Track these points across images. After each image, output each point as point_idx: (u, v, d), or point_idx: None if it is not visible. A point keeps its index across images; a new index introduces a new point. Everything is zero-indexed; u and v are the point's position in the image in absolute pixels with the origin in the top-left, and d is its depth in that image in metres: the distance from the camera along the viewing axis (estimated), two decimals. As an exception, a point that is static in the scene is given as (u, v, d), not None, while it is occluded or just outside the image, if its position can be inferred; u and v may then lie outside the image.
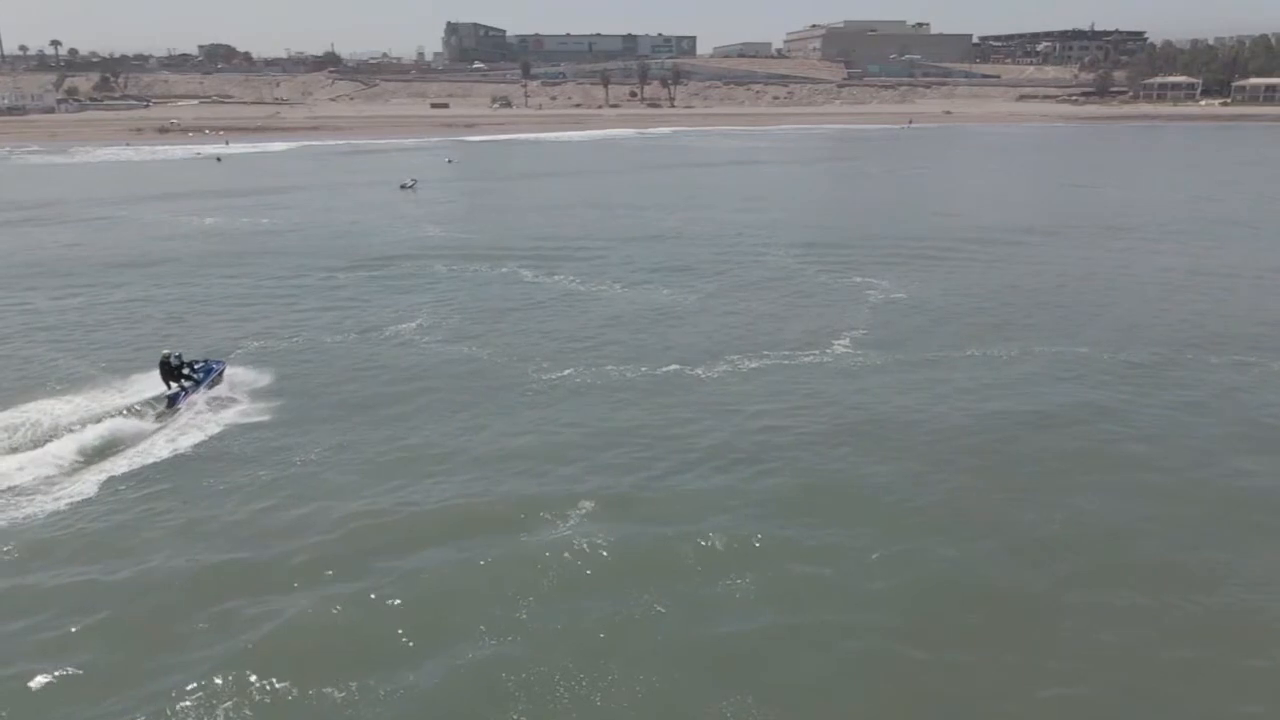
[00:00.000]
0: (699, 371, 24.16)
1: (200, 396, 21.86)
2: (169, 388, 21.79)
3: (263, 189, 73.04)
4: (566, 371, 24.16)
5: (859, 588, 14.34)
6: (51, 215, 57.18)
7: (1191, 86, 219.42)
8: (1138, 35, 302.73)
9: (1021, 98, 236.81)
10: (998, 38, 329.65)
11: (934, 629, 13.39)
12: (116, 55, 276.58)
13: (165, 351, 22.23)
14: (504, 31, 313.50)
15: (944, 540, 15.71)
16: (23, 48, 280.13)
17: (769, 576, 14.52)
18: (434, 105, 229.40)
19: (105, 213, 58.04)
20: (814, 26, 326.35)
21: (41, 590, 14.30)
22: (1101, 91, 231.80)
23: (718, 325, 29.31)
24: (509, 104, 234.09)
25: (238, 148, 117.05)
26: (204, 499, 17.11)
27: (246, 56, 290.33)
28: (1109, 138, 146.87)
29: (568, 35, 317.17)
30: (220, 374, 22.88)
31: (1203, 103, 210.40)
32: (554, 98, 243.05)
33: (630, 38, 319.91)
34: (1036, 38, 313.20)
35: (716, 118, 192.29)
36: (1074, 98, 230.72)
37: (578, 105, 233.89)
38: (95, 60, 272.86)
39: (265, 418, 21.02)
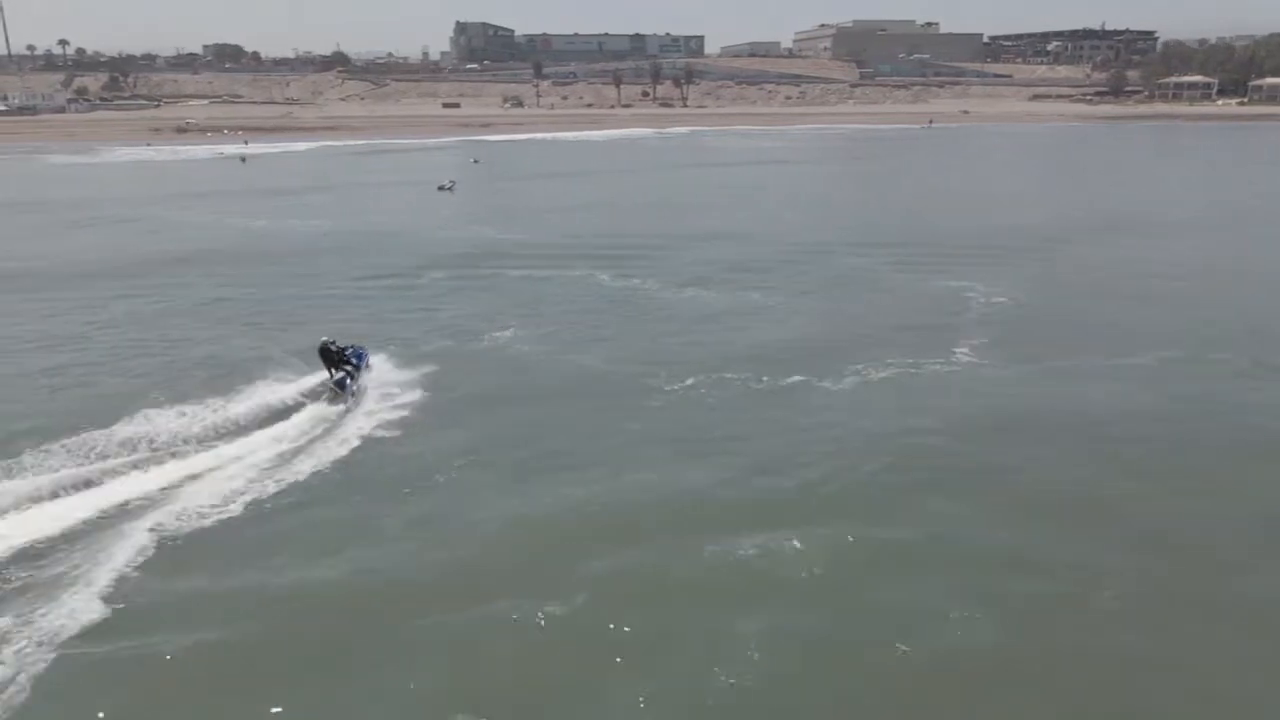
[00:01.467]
0: (827, 383, 23.11)
1: (363, 382, 22.04)
2: (331, 374, 21.82)
3: (296, 189, 72.13)
4: (688, 381, 23.12)
5: (1095, 608, 13.41)
6: (89, 217, 56.13)
7: (1208, 86, 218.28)
8: (1148, 35, 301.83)
9: (1035, 97, 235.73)
10: (1007, 37, 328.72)
11: (1193, 654, 12.43)
12: (122, 55, 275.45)
13: (324, 338, 22.40)
14: (512, 31, 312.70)
15: (1165, 558, 14.78)
16: (30, 47, 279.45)
17: (991, 592, 13.71)
18: (445, 105, 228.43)
19: (145, 213, 57.06)
20: (823, 26, 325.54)
21: (210, 600, 13.60)
22: (1116, 91, 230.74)
23: (821, 331, 28.32)
24: (520, 104, 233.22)
25: (258, 148, 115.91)
26: (376, 506, 16.52)
27: (255, 56, 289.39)
28: (1137, 137, 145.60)
29: (575, 35, 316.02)
30: (367, 361, 22.80)
31: (1219, 102, 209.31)
32: (565, 97, 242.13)
33: (638, 37, 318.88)
34: (1046, 37, 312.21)
35: (732, 117, 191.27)
36: (1088, 97, 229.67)
37: (589, 105, 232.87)
38: (103, 60, 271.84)
39: (410, 414, 20.79)
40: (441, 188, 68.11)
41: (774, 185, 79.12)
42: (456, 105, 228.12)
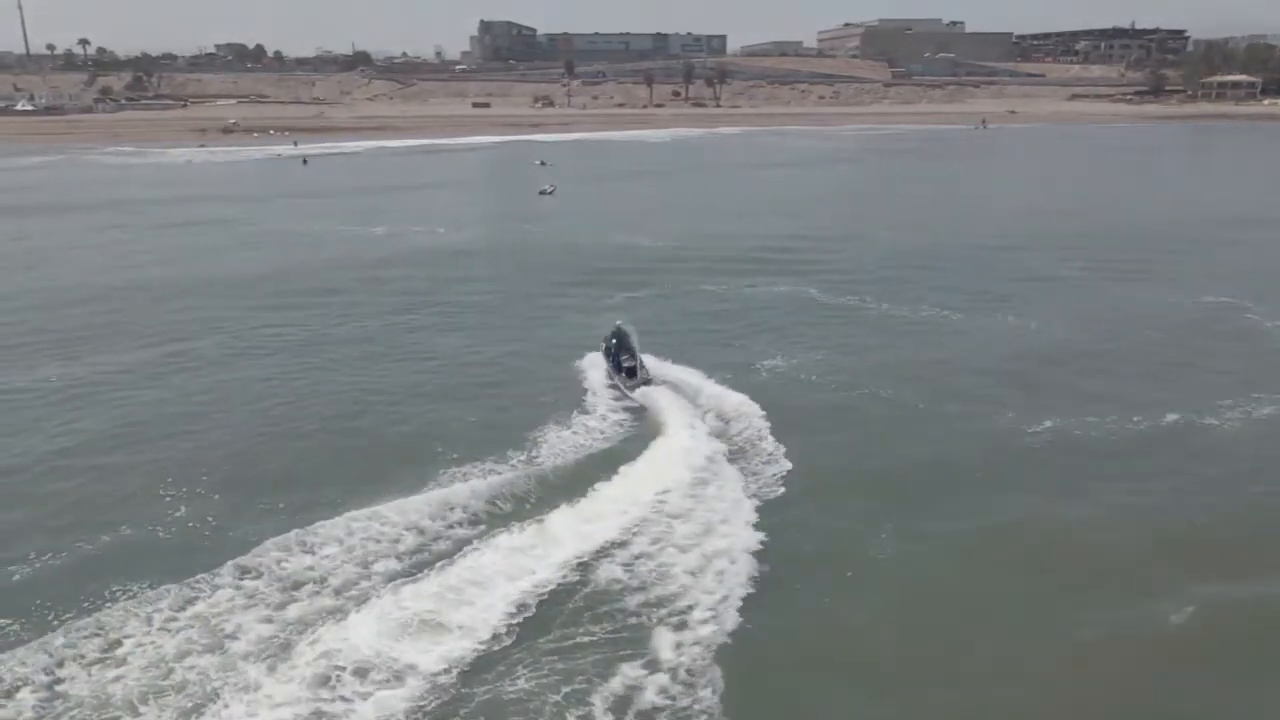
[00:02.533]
0: (1210, 420, 20.04)
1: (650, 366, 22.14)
2: (621, 360, 21.70)
3: (382, 191, 69.51)
4: (1047, 424, 19.90)
5: None
6: (187, 218, 53.05)
7: (1252, 85, 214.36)
8: (1179, 34, 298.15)
9: (1073, 97, 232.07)
10: (1035, 36, 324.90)
11: None
12: (142, 54, 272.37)
13: (619, 322, 23.02)
14: (534, 30, 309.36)
15: None
16: (50, 46, 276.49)
17: None
18: (475, 105, 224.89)
19: (249, 218, 54.09)
20: (847, 25, 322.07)
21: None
22: (1156, 90, 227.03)
23: (1122, 355, 25.36)
24: (551, 103, 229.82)
25: (310, 148, 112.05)
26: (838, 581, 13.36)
27: (277, 56, 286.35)
28: (1205, 136, 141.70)
29: (596, 34, 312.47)
30: None
31: (1265, 102, 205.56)
32: (595, 97, 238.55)
33: (660, 36, 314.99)
34: (1075, 36, 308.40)
35: (774, 118, 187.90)
36: (1128, 97, 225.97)
37: (620, 105, 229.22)
38: (124, 59, 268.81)
39: (778, 465, 17.68)
40: (543, 192, 64.92)
41: (876, 185, 76.36)
42: (487, 105, 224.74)
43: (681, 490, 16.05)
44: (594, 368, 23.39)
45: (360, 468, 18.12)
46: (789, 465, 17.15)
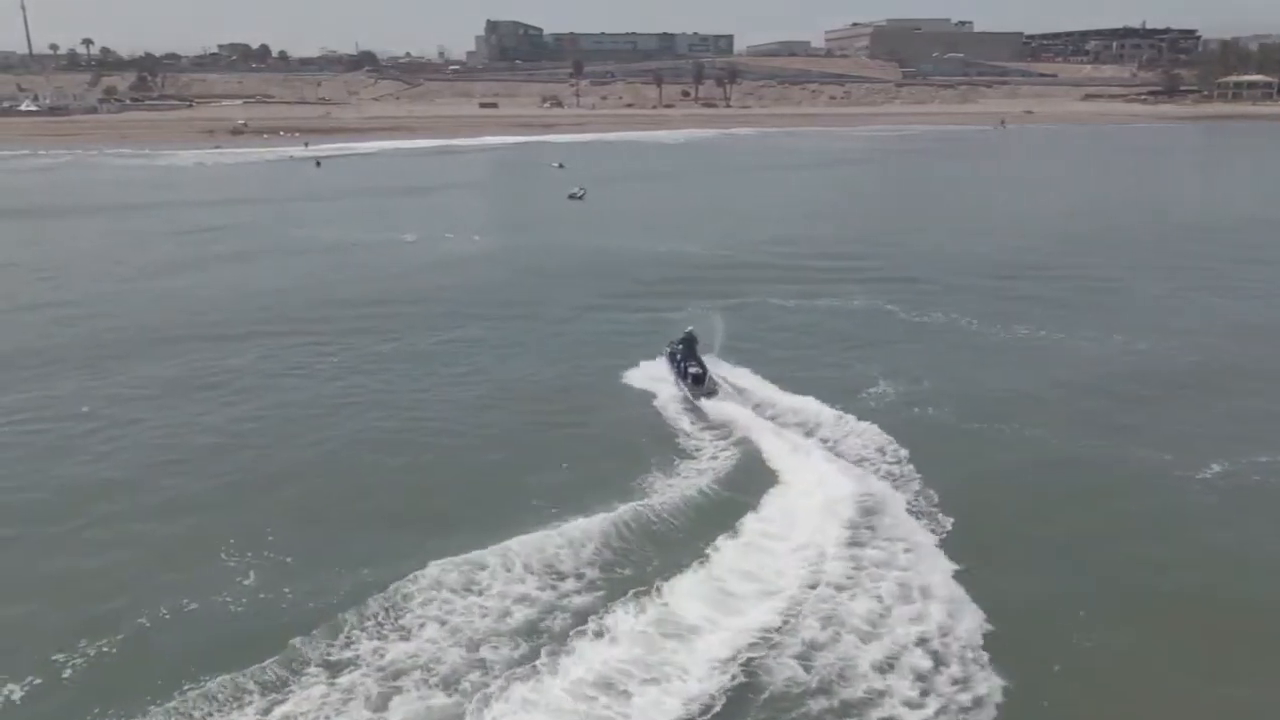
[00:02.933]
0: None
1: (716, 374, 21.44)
2: (685, 367, 20.95)
3: (400, 193, 67.69)
4: (1214, 467, 17.48)
5: None
6: (192, 222, 50.76)
7: (1269, 85, 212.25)
8: (1190, 33, 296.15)
9: (1086, 97, 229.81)
10: (1044, 36, 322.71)
11: None
12: (146, 54, 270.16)
13: (690, 329, 22.32)
14: (540, 30, 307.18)
15: None
16: (53, 46, 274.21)
17: None
18: (482, 105, 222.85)
19: (263, 224, 51.72)
20: (855, 25, 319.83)
21: None
22: (1170, 90, 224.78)
23: (1266, 386, 22.98)
24: (560, 104, 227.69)
25: (322, 149, 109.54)
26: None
27: (282, 56, 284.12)
28: (1238, 136, 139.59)
29: (603, 34, 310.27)
30: None
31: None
32: (604, 98, 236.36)
33: (667, 36, 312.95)
34: (1085, 36, 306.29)
35: (787, 118, 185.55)
36: (1142, 97, 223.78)
37: (629, 105, 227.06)
38: (128, 59, 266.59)
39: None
40: (572, 195, 62.54)
41: (913, 187, 74.52)
42: (494, 105, 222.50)
43: (835, 553, 13.75)
44: (664, 392, 21.56)
45: (439, 519, 15.89)
46: (950, 522, 14.81)
